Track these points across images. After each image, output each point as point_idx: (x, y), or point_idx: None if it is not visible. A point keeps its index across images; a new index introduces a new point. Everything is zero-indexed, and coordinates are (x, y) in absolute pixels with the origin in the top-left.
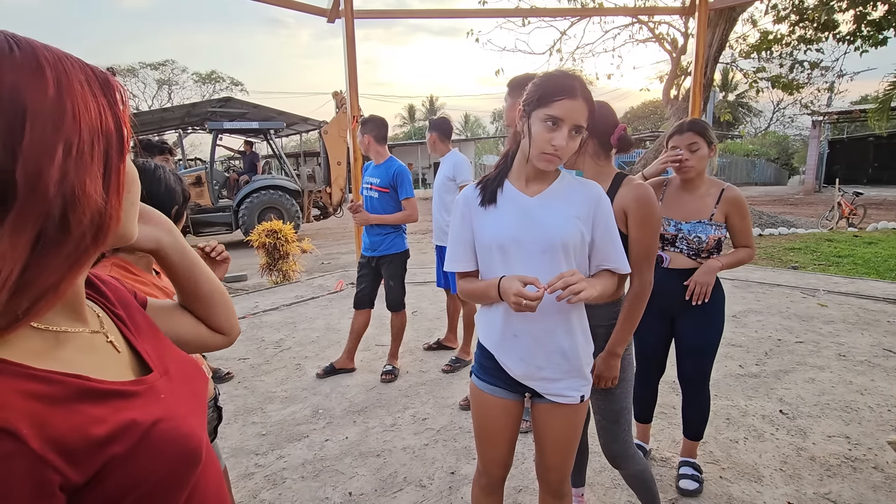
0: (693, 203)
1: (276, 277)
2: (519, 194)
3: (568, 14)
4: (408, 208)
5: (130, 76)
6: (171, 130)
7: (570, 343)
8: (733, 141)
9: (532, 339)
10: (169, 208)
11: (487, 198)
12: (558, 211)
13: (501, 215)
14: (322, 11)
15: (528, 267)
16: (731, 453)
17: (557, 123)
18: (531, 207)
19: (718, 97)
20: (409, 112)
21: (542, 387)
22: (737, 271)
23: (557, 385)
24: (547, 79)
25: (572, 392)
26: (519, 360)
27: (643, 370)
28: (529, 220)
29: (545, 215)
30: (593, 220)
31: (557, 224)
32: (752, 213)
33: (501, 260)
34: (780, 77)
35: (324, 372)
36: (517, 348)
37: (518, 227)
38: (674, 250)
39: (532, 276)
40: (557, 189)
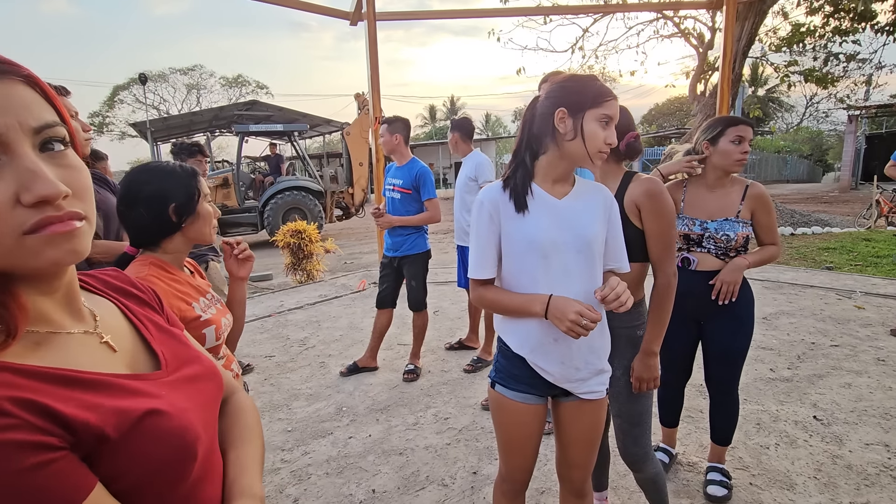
0: (718, 200)
1: (300, 277)
2: (548, 196)
3: (591, 11)
4: (430, 209)
5: (161, 81)
6: (200, 133)
7: (600, 341)
8: (763, 137)
9: (572, 341)
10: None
11: (520, 202)
12: (584, 211)
13: (537, 218)
14: (345, 14)
15: (566, 269)
16: (762, 459)
17: (609, 122)
18: (562, 209)
19: (747, 92)
20: (430, 112)
21: (576, 386)
22: (767, 272)
23: (589, 382)
24: (590, 81)
25: (600, 387)
26: (559, 363)
27: (669, 374)
28: (564, 221)
29: (576, 216)
30: (608, 221)
31: (588, 224)
32: (783, 212)
33: (541, 264)
34: (814, 70)
35: (347, 370)
36: (557, 351)
37: (555, 229)
38: (701, 251)
39: (571, 276)
40: (578, 191)
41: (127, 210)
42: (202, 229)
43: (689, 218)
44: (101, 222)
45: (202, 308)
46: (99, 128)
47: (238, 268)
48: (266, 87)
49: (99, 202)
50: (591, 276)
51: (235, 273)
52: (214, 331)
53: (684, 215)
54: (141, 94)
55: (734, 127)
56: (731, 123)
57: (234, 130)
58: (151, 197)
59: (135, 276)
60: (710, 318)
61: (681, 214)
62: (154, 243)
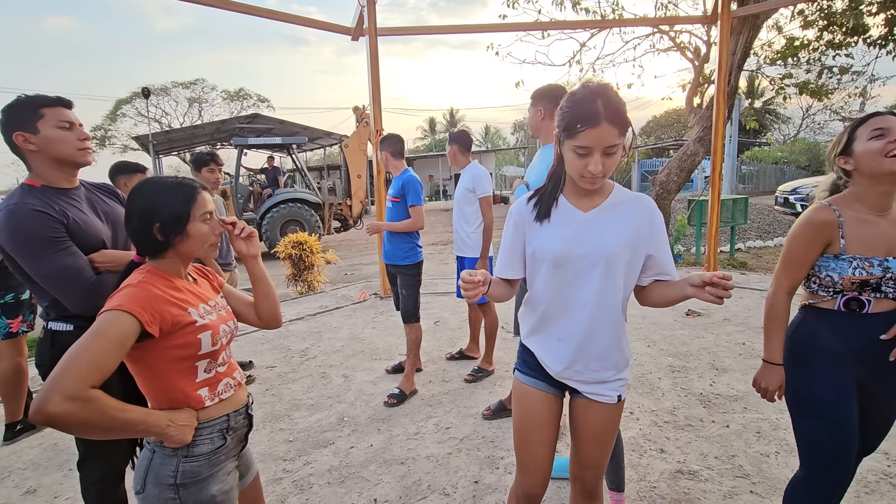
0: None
1: (301, 288)
2: (573, 209)
3: (588, 26)
4: (413, 216)
5: (164, 95)
6: (202, 146)
7: (608, 349)
8: (761, 149)
9: (574, 344)
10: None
11: (542, 213)
12: (612, 225)
13: (555, 230)
14: (346, 30)
15: (577, 279)
16: (762, 468)
17: (587, 151)
18: (585, 222)
19: (744, 104)
20: (430, 125)
21: (580, 386)
22: (763, 282)
23: (595, 386)
24: (571, 105)
25: (610, 392)
26: (559, 361)
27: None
28: (583, 234)
29: (598, 230)
30: (650, 234)
31: (610, 238)
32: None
33: (553, 273)
34: (809, 83)
35: (392, 369)
36: (559, 351)
37: (571, 241)
38: (878, 295)
39: (582, 287)
40: (612, 204)
41: (126, 222)
42: (193, 249)
43: (861, 258)
44: (108, 232)
45: (200, 314)
46: (101, 141)
47: (246, 247)
48: (267, 100)
49: (108, 212)
50: (605, 288)
51: (245, 252)
52: (210, 336)
53: (851, 256)
54: (143, 108)
55: (866, 123)
56: (861, 122)
57: (233, 143)
58: (141, 214)
59: (125, 282)
60: (876, 378)
61: (843, 256)
62: (152, 254)
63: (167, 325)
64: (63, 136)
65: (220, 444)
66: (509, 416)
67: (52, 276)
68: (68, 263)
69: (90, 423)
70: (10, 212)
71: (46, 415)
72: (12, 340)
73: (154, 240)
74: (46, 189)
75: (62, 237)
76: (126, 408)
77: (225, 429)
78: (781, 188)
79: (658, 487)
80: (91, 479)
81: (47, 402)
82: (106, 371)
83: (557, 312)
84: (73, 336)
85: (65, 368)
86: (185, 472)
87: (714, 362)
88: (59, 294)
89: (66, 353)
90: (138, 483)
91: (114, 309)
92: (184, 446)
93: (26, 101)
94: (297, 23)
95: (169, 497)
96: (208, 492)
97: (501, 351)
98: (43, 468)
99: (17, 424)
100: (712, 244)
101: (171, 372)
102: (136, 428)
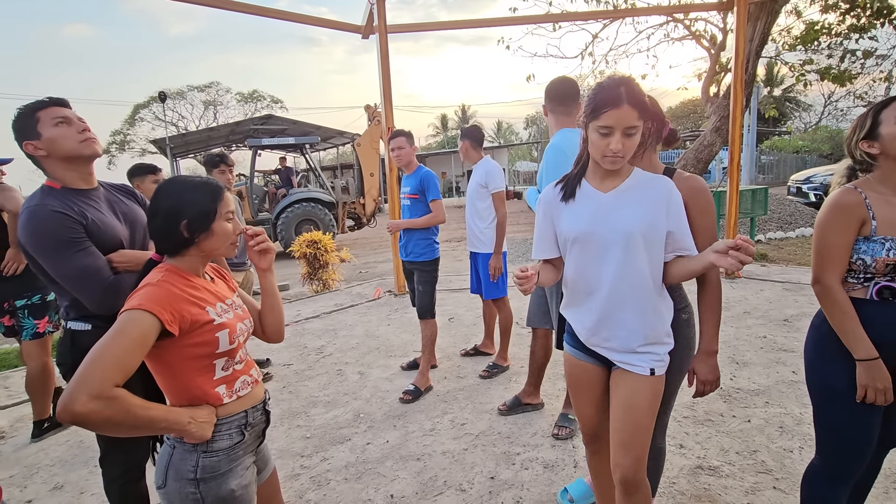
0: None
1: (316, 286)
2: (595, 191)
3: (600, 17)
4: (434, 210)
5: (179, 98)
6: (217, 148)
7: (635, 320)
8: (781, 137)
9: (599, 313)
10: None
11: (567, 194)
12: (631, 205)
13: (578, 210)
14: (357, 28)
15: (602, 257)
16: (786, 463)
17: (609, 131)
18: (606, 202)
19: (762, 92)
20: (442, 122)
21: (611, 354)
22: (788, 273)
23: (625, 355)
24: (598, 91)
25: (640, 363)
26: (585, 329)
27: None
28: (604, 214)
29: (619, 210)
30: (667, 212)
31: (630, 217)
32: (804, 212)
33: (579, 250)
34: (831, 68)
35: (407, 366)
36: (586, 320)
37: (593, 221)
38: None
39: (604, 262)
40: (631, 185)
41: (149, 220)
42: (216, 246)
43: (893, 239)
44: (127, 232)
45: (217, 313)
46: (121, 145)
47: (259, 259)
48: (280, 101)
49: (126, 213)
50: (627, 264)
51: (257, 264)
52: (228, 334)
53: (882, 237)
54: (160, 112)
55: (891, 105)
56: (885, 105)
57: (247, 145)
58: (168, 211)
59: (144, 281)
60: None
61: (875, 237)
62: (172, 252)
63: (186, 324)
64: (62, 133)
65: (238, 440)
66: (525, 411)
67: (71, 275)
68: (87, 263)
69: (115, 421)
70: (31, 212)
71: (73, 413)
72: (39, 340)
73: (179, 237)
74: (66, 190)
75: (81, 237)
76: (149, 405)
77: (243, 425)
78: (794, 177)
79: (678, 483)
80: (113, 475)
81: (74, 401)
82: (129, 370)
83: (584, 286)
84: (92, 335)
85: (89, 368)
86: (204, 467)
87: (734, 356)
88: (79, 293)
89: (89, 352)
90: (160, 478)
91: (135, 308)
92: (203, 442)
93: (23, 111)
94: (308, 22)
95: (189, 491)
96: (227, 486)
97: (516, 347)
98: (70, 465)
99: (45, 422)
100: (731, 236)
101: (189, 370)
102: (159, 425)
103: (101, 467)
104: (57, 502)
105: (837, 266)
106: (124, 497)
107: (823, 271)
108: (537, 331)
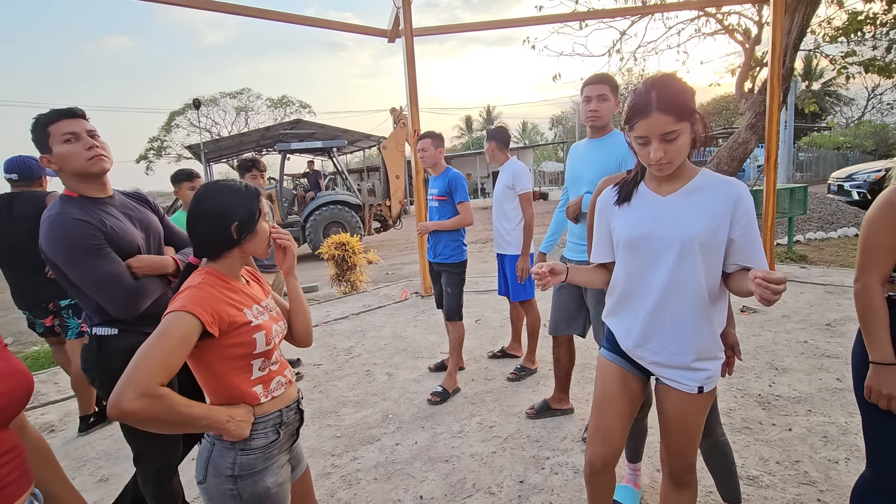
0: None
1: (344, 287)
2: (652, 194)
3: (628, 13)
4: (462, 212)
5: (213, 105)
6: (249, 153)
7: (686, 333)
8: (821, 133)
9: (646, 323)
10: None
11: (623, 197)
12: (691, 209)
13: (634, 214)
14: (383, 32)
15: (653, 262)
16: (831, 475)
17: (646, 140)
18: (663, 206)
19: (800, 87)
20: (467, 123)
21: (657, 370)
22: (831, 275)
23: (672, 371)
24: (631, 99)
25: (688, 381)
26: (630, 338)
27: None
28: (661, 218)
29: (677, 214)
30: (732, 218)
31: (688, 222)
32: (847, 211)
33: (630, 254)
34: (875, 60)
35: (435, 367)
36: (632, 329)
37: (648, 224)
38: None
39: (656, 268)
40: (694, 188)
41: (194, 223)
42: (258, 246)
43: None
44: (143, 238)
45: (254, 314)
46: (158, 151)
47: (281, 260)
48: (309, 105)
49: (141, 219)
50: (681, 271)
51: (281, 264)
52: (265, 336)
53: None
54: (195, 119)
55: None
56: None
57: (277, 149)
58: (217, 214)
59: (187, 284)
60: None
61: None
62: (214, 255)
63: (225, 325)
64: (69, 150)
65: (273, 439)
66: (554, 415)
67: (94, 282)
68: (109, 269)
69: (160, 418)
70: (52, 221)
71: (122, 410)
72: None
73: (228, 239)
74: (83, 199)
75: (102, 244)
76: (191, 404)
77: (278, 424)
78: (835, 175)
79: (714, 493)
80: (146, 473)
81: (122, 398)
82: (173, 369)
83: (633, 292)
84: (119, 339)
85: (137, 367)
86: (242, 465)
87: (773, 362)
88: (102, 299)
89: (136, 352)
90: (200, 473)
91: (177, 310)
92: (241, 440)
93: (36, 123)
94: (336, 28)
95: (227, 488)
96: (264, 484)
97: (544, 349)
98: (114, 458)
99: (90, 417)
100: (768, 237)
101: (228, 370)
102: (199, 423)
103: (135, 466)
104: (103, 494)
105: (882, 267)
106: (158, 494)
107: (866, 270)
108: (559, 337)
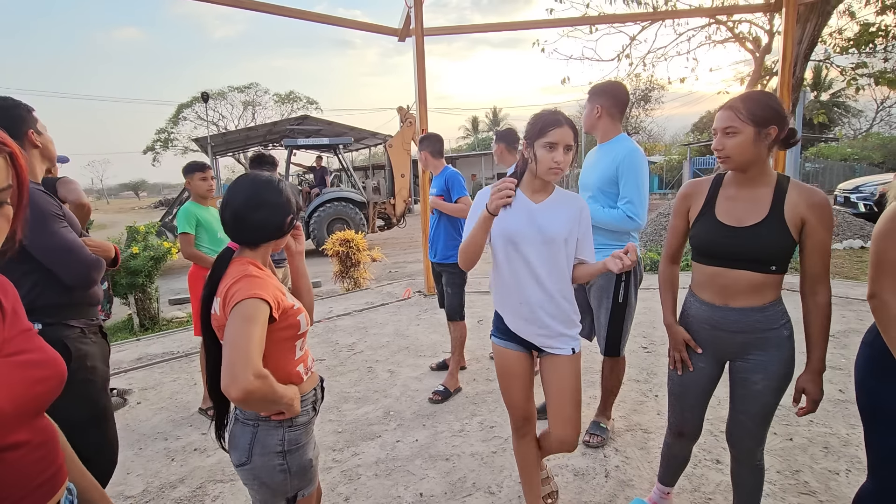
0: None
1: (347, 284)
2: (527, 201)
3: (639, 19)
4: (462, 205)
5: (220, 99)
6: (255, 147)
7: (557, 312)
8: (828, 144)
9: (531, 306)
10: (285, 216)
11: None
12: (555, 214)
13: (513, 215)
14: (394, 31)
15: (531, 255)
16: (831, 485)
17: (554, 146)
18: (535, 211)
19: (809, 97)
20: (473, 124)
21: (542, 341)
22: (835, 287)
23: (553, 340)
24: (539, 117)
25: (564, 345)
26: (523, 321)
27: None
28: (534, 220)
29: (545, 217)
30: (578, 223)
31: (554, 224)
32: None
33: (512, 249)
34: (886, 72)
35: (436, 366)
36: (521, 312)
37: (524, 224)
38: None
39: (534, 261)
40: (555, 199)
41: (255, 211)
42: (288, 240)
43: None
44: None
45: (291, 299)
46: (164, 143)
47: (295, 243)
48: (316, 102)
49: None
50: (552, 263)
51: (293, 248)
52: (305, 317)
53: None
54: (202, 112)
55: None
56: None
57: (283, 144)
58: (279, 205)
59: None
60: None
61: None
62: (257, 244)
63: (281, 310)
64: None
65: (312, 415)
66: None
67: (59, 247)
68: (72, 238)
69: (268, 397)
70: None
71: (246, 391)
72: None
73: (279, 230)
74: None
75: (63, 214)
76: (277, 382)
77: (314, 401)
78: (841, 186)
79: (714, 499)
80: None
81: (244, 380)
82: (263, 351)
83: (517, 281)
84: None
85: (246, 351)
86: (290, 440)
87: None
88: (63, 266)
89: (233, 338)
90: (243, 456)
91: (253, 297)
92: (287, 418)
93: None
94: (348, 26)
95: (277, 463)
96: (307, 456)
97: None
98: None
99: None
100: None
101: (278, 351)
102: (283, 401)
103: None
104: None
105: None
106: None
107: (882, 286)
108: None
